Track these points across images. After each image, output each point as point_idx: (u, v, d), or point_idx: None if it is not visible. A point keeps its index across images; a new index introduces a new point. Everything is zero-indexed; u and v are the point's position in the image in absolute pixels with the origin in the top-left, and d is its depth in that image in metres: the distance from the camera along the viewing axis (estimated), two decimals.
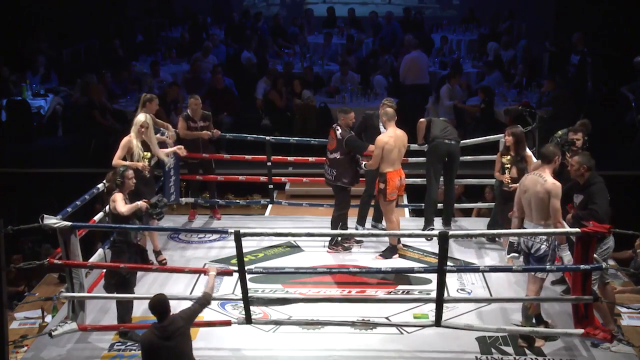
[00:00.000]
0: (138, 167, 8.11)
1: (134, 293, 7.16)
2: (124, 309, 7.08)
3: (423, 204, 9.26)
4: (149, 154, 8.37)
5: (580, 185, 7.12)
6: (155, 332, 5.88)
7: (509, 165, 8.10)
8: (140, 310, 7.24)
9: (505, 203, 8.25)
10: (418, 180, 9.46)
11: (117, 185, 7.15)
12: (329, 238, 9.01)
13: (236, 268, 6.77)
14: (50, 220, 6.66)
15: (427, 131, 9.11)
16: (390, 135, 8.46)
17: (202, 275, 7.48)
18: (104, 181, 7.42)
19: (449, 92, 13.19)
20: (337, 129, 8.74)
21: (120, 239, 7.03)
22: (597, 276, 6.90)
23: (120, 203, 7.03)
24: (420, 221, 9.41)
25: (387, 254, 8.73)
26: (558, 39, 16.08)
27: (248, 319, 6.85)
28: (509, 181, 8.11)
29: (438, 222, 9.35)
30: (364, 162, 8.77)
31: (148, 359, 5.94)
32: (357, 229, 9.16)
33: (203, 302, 6.28)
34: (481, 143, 9.78)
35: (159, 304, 5.92)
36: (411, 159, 9.58)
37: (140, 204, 7.07)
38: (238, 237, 6.59)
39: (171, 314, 5.96)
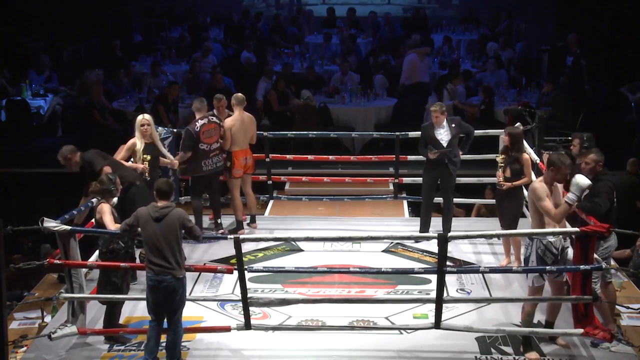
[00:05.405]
0: (139, 168, 8.08)
1: (124, 302, 7.06)
2: (113, 315, 6.95)
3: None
4: (149, 157, 8.28)
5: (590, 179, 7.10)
6: (150, 209, 6.33)
7: (502, 165, 8.12)
8: (140, 311, 7.27)
9: (499, 202, 8.27)
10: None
11: (110, 193, 6.87)
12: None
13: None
14: (50, 224, 6.60)
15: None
16: (237, 119, 9.15)
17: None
18: (91, 191, 7.09)
19: (450, 91, 13.19)
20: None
21: (111, 248, 6.78)
22: (599, 275, 6.90)
23: (108, 217, 6.77)
24: (418, 221, 9.38)
25: (234, 231, 9.15)
26: (557, 39, 16.10)
27: (247, 325, 6.81)
28: (502, 180, 8.12)
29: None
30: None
31: (143, 233, 6.35)
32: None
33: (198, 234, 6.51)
34: (480, 142, 9.77)
35: (164, 184, 6.41)
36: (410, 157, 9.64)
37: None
38: (237, 242, 6.57)
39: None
